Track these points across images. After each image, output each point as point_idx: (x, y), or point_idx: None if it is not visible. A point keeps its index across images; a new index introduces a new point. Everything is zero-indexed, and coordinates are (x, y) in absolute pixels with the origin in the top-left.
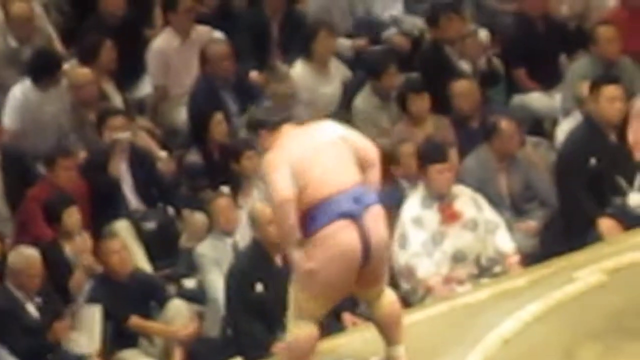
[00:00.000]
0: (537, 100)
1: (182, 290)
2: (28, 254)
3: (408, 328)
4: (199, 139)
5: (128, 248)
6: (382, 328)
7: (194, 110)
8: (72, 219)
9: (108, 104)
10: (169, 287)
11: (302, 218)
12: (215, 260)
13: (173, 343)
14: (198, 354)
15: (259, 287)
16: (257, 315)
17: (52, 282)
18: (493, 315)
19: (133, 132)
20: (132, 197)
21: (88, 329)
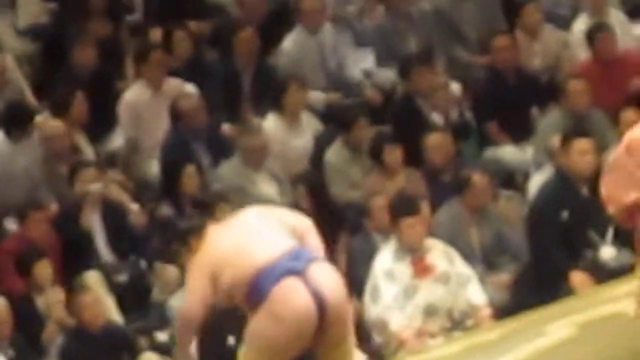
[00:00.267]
0: (509, 154)
1: (154, 344)
2: None
3: None
4: (171, 192)
5: (100, 301)
6: None
7: (166, 163)
8: (43, 272)
9: (80, 157)
10: (141, 339)
11: (247, 294)
12: None
13: None
14: None
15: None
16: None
17: (24, 335)
18: None
19: (105, 184)
20: (103, 249)
21: None
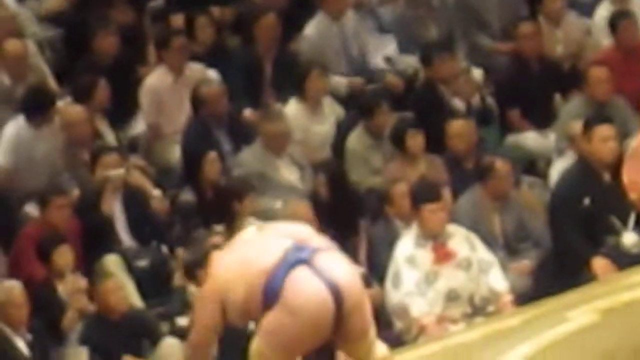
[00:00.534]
0: (531, 140)
1: (175, 329)
2: (9, 287)
3: None
4: (192, 178)
5: (123, 287)
6: None
7: (187, 150)
8: (63, 258)
9: (101, 142)
10: (162, 325)
11: (262, 301)
12: None
13: None
14: None
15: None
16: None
17: (44, 321)
18: (486, 355)
19: (126, 170)
20: (124, 235)
21: None
